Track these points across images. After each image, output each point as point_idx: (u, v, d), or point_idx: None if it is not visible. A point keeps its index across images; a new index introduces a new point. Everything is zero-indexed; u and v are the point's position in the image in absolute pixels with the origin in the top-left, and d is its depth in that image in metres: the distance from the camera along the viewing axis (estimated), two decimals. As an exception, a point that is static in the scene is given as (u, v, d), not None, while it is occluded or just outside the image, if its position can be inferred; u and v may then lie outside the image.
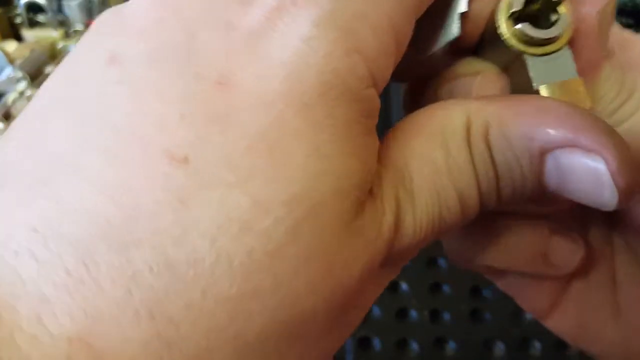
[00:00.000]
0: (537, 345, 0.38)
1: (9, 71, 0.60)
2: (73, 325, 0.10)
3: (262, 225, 0.11)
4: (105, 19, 0.13)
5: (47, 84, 0.13)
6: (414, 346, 0.38)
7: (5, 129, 0.56)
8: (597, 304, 0.20)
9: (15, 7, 0.71)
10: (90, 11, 0.72)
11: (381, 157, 0.14)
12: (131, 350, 0.10)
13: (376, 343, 0.38)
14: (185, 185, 0.11)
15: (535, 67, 0.15)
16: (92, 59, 0.12)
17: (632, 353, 0.20)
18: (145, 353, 0.10)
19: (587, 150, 0.13)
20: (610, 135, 0.13)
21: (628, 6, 0.64)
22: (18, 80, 0.59)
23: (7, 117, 0.57)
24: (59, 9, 0.71)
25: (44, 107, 0.12)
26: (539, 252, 0.19)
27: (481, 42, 0.17)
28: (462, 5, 0.15)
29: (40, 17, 0.71)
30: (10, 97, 0.57)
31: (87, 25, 0.71)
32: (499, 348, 0.38)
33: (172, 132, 0.11)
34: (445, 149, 0.14)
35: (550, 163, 0.14)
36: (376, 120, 0.13)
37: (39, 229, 0.10)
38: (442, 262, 0.41)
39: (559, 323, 0.21)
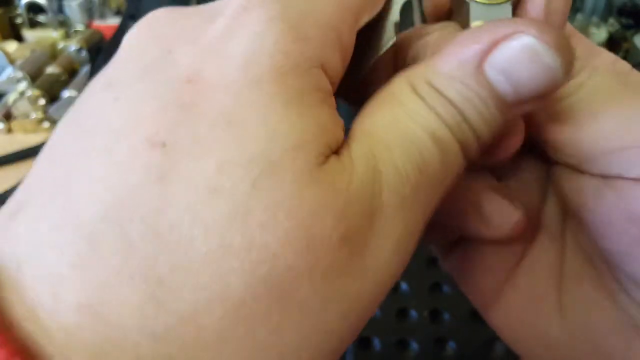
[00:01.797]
0: (537, 345, 0.38)
1: (9, 71, 0.60)
2: (83, 296, 0.12)
3: (226, 186, 0.12)
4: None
5: (60, 122, 0.15)
6: (414, 346, 0.38)
7: (6, 128, 0.56)
8: (541, 298, 0.20)
9: (16, 7, 0.71)
10: (91, 11, 0.72)
11: (351, 133, 0.15)
12: (131, 312, 0.12)
13: (376, 343, 0.38)
14: (163, 165, 0.13)
15: (475, 11, 0.17)
16: (93, 89, 0.15)
17: (575, 357, 0.20)
18: (141, 313, 0.12)
19: (507, 37, 0.15)
20: (520, 19, 0.15)
21: (628, 6, 0.64)
22: (18, 81, 0.59)
23: (8, 117, 0.57)
24: (60, 10, 0.71)
25: (56, 135, 0.15)
26: (475, 202, 0.19)
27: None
28: (395, 16, 0.18)
29: (41, 18, 0.71)
30: (10, 97, 0.57)
31: (87, 26, 0.71)
32: (499, 348, 0.38)
33: (151, 125, 0.13)
34: (401, 105, 0.15)
35: (491, 73, 0.15)
36: (331, 96, 0.15)
37: (56, 224, 0.12)
38: (445, 264, 0.41)
39: (502, 316, 0.21)
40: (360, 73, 0.17)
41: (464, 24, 0.18)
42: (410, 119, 0.15)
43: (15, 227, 0.13)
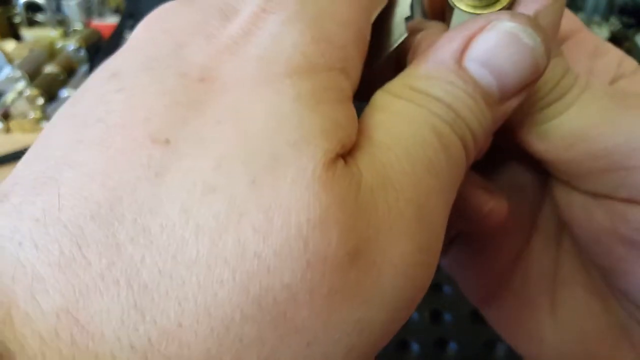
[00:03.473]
0: (538, 346, 0.38)
1: (7, 70, 0.60)
2: (62, 301, 0.11)
3: (222, 183, 0.11)
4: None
5: (57, 111, 0.14)
6: (415, 347, 0.38)
7: (4, 128, 0.56)
8: (535, 299, 0.20)
9: (14, 6, 0.71)
10: (89, 10, 0.72)
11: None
12: (111, 321, 0.11)
13: (377, 344, 0.38)
14: (163, 162, 0.12)
15: (458, 18, 0.17)
16: (97, 78, 0.14)
17: (565, 357, 0.20)
18: (122, 324, 0.11)
19: (482, 29, 0.15)
20: (491, 13, 0.15)
21: (628, 6, 0.64)
22: (17, 80, 0.59)
23: (6, 116, 0.57)
24: (58, 9, 0.71)
25: (53, 122, 0.13)
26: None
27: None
28: (405, 10, 0.17)
29: (39, 17, 0.71)
30: (9, 97, 0.57)
31: (86, 25, 0.71)
32: (500, 349, 0.38)
33: (156, 121, 0.12)
34: (393, 112, 0.14)
35: (472, 67, 0.15)
36: (349, 99, 0.14)
37: (41, 219, 0.11)
38: (442, 262, 0.41)
39: (497, 314, 0.22)
40: (371, 69, 0.17)
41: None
42: (405, 122, 0.14)
43: None
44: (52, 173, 0.12)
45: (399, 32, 0.17)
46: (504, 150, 0.20)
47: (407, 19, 0.17)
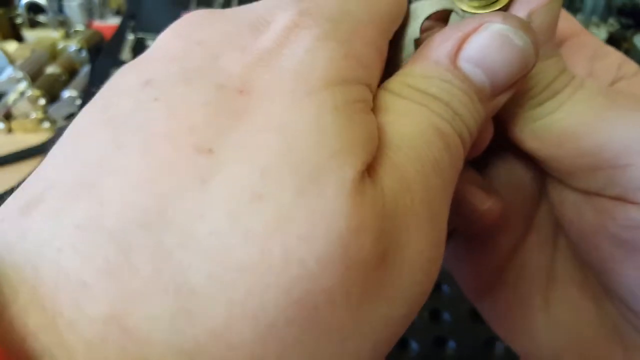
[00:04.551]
0: (537, 345, 0.38)
1: (9, 71, 0.60)
2: (109, 308, 0.11)
3: (270, 192, 0.12)
4: (130, 62, 0.15)
5: (83, 112, 0.14)
6: (414, 346, 0.38)
7: (6, 128, 0.56)
8: (529, 296, 0.21)
9: (16, 7, 0.71)
10: (91, 11, 0.72)
11: None
12: (160, 326, 0.11)
13: (376, 343, 0.38)
14: (208, 170, 0.12)
15: (455, 19, 0.17)
16: (128, 84, 0.14)
17: (558, 357, 0.20)
18: (171, 328, 0.11)
19: (475, 30, 0.15)
20: (483, 14, 0.16)
21: (627, 7, 0.64)
22: (18, 81, 0.59)
23: (8, 117, 0.57)
24: (60, 9, 0.71)
25: (83, 125, 0.13)
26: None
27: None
28: (416, 32, 0.18)
29: (41, 18, 0.71)
30: (10, 98, 0.57)
31: (87, 26, 0.71)
32: (499, 348, 0.38)
33: (199, 131, 0.12)
34: (390, 112, 0.15)
35: (466, 67, 0.15)
36: (372, 108, 0.15)
37: (83, 225, 0.11)
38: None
39: (491, 309, 0.22)
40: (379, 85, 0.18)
41: None
42: (410, 121, 0.15)
43: (30, 223, 0.12)
44: (91, 178, 0.12)
45: (407, 53, 0.18)
46: (503, 148, 0.20)
47: (417, 40, 0.18)
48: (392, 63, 0.18)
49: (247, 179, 0.12)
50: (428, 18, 0.18)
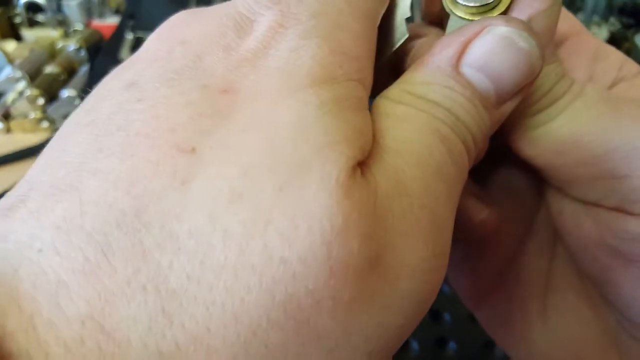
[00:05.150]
0: (537, 345, 0.38)
1: (8, 71, 0.60)
2: (87, 307, 0.11)
3: (250, 190, 0.11)
4: (117, 66, 0.15)
5: (70, 117, 0.14)
6: (415, 346, 0.38)
7: (4, 128, 0.56)
8: (526, 303, 0.21)
9: (15, 6, 0.71)
10: (90, 11, 0.72)
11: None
12: (138, 327, 0.11)
13: (376, 343, 0.38)
14: (189, 170, 0.12)
15: (454, 24, 0.17)
16: (112, 86, 0.14)
17: None
18: (149, 329, 0.11)
19: (478, 34, 0.15)
20: (484, 19, 0.15)
21: (627, 6, 0.64)
22: (17, 80, 0.59)
23: (7, 116, 0.57)
24: (59, 9, 0.71)
25: (68, 129, 0.13)
26: None
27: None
28: (405, 11, 0.17)
29: (40, 17, 0.71)
30: (9, 97, 0.57)
31: (86, 25, 0.71)
32: (500, 349, 0.38)
33: (181, 131, 0.12)
34: (394, 118, 0.15)
35: (469, 72, 0.15)
36: (367, 104, 0.14)
37: (63, 226, 0.11)
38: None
39: (488, 315, 0.22)
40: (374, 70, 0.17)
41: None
42: (410, 127, 0.14)
43: (10, 225, 0.12)
44: (71, 180, 0.12)
45: (400, 33, 0.17)
46: (501, 154, 0.20)
47: (408, 19, 0.17)
48: (384, 46, 0.17)
49: (228, 179, 0.12)
50: None
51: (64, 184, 0.12)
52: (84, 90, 0.15)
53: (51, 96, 0.58)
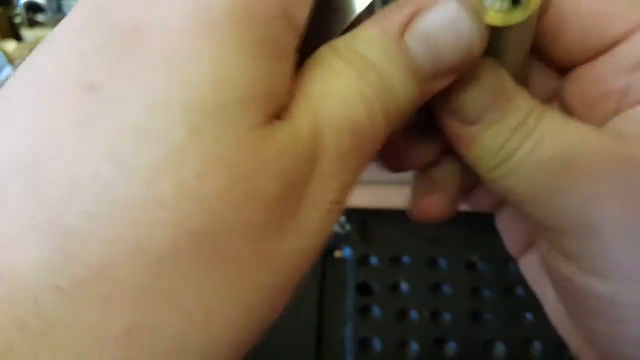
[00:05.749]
0: (537, 345, 0.38)
1: (8, 71, 0.60)
2: None
3: (157, 128, 0.11)
4: None
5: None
6: (414, 346, 0.38)
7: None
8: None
9: (15, 6, 0.71)
10: (90, 11, 0.72)
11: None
12: (32, 269, 0.11)
13: (376, 343, 0.38)
14: (91, 108, 0.12)
15: None
16: (33, 52, 0.14)
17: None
18: (46, 270, 0.11)
19: (429, 7, 0.15)
20: None
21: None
22: (17, 80, 0.59)
23: (7, 116, 0.57)
24: (59, 9, 0.71)
25: None
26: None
27: None
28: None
29: (40, 17, 0.71)
30: (9, 97, 0.57)
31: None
32: (500, 348, 0.38)
33: (86, 72, 0.12)
34: (330, 69, 0.15)
35: (412, 42, 0.15)
36: (291, 51, 0.14)
37: None
38: (442, 262, 0.41)
39: (528, 264, 0.23)
40: (332, 36, 0.17)
41: None
42: (339, 81, 0.15)
43: None
44: None
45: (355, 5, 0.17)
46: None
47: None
48: (341, 8, 0.17)
49: (131, 116, 0.11)
50: None
51: None
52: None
53: (51, 96, 0.58)
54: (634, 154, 0.17)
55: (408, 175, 0.22)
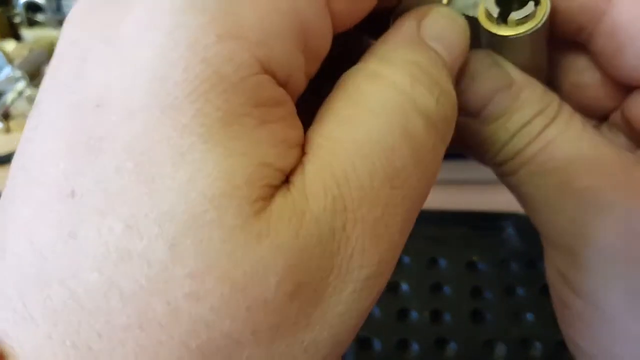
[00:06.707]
0: (537, 345, 0.38)
1: (7, 71, 0.60)
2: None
3: (137, 248, 0.11)
4: None
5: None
6: (415, 347, 0.38)
7: (4, 128, 0.56)
8: None
9: (14, 6, 0.71)
10: (90, 10, 0.72)
11: (307, 145, 0.13)
12: None
13: (376, 344, 0.38)
14: (73, 218, 0.11)
15: (485, 36, 0.18)
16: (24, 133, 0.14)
17: None
18: None
19: (425, 14, 0.16)
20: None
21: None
22: (17, 80, 0.59)
23: (6, 116, 0.57)
24: (58, 9, 0.71)
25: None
26: None
27: None
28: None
29: (39, 17, 0.71)
30: (9, 97, 0.57)
31: (86, 25, 0.71)
32: (500, 349, 0.38)
33: (60, 168, 0.11)
34: (360, 98, 0.14)
35: (432, 43, 0.16)
36: (280, 107, 0.12)
37: None
38: (442, 262, 0.41)
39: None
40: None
41: None
42: (377, 112, 0.13)
43: None
44: None
45: None
46: None
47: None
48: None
49: (111, 233, 0.11)
50: None
51: None
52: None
53: (51, 96, 0.58)
54: None
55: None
